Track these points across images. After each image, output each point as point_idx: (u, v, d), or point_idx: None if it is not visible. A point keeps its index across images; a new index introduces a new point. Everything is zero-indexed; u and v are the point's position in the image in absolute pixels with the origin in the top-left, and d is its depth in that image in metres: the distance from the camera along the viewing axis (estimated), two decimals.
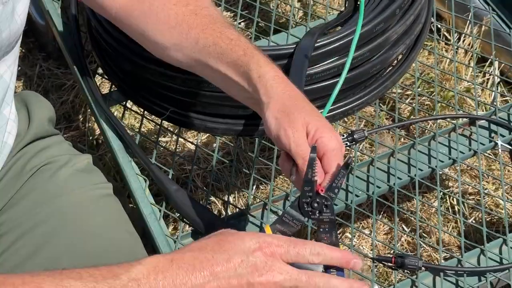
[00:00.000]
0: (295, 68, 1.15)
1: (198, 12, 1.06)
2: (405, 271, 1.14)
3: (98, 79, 1.83)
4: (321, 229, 0.84)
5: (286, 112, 0.93)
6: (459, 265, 1.15)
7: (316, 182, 0.84)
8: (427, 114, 1.74)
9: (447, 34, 1.99)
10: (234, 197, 1.78)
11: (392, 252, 1.13)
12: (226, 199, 1.27)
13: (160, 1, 1.08)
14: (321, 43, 1.20)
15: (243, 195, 1.78)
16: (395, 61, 1.37)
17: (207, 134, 1.91)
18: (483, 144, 1.32)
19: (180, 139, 1.38)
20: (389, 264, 1.11)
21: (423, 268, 1.12)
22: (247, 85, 0.98)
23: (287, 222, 0.85)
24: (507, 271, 1.14)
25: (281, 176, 1.85)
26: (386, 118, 2.00)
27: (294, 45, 1.19)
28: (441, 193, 1.65)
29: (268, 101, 0.94)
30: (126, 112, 1.36)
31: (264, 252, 0.78)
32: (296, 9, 2.01)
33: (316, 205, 0.84)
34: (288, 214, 0.84)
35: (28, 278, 0.74)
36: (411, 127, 1.92)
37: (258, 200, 1.32)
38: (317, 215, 0.84)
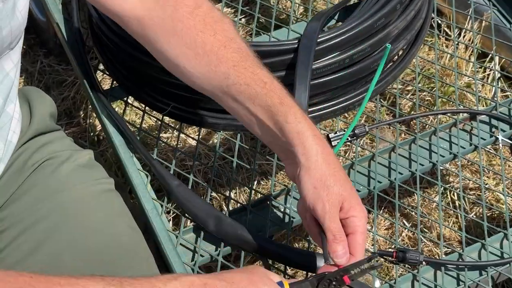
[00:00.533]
0: (301, 59, 1.16)
1: (227, 44, 1.04)
2: (406, 265, 1.15)
3: (99, 75, 1.83)
4: None
5: (326, 184, 0.95)
6: (460, 260, 1.15)
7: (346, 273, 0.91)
8: (427, 110, 1.74)
9: (447, 30, 1.99)
10: (236, 193, 1.78)
11: (393, 247, 1.13)
12: (227, 194, 1.27)
13: (185, 23, 1.05)
14: (322, 39, 1.20)
15: (244, 190, 1.79)
16: (396, 57, 1.37)
17: (208, 130, 1.91)
18: (484, 139, 1.32)
19: (181, 135, 1.38)
20: (391, 258, 1.12)
21: (424, 262, 1.12)
22: (281, 135, 0.98)
23: (301, 284, 0.91)
24: (508, 265, 1.14)
25: (281, 172, 1.85)
26: (387, 114, 2.00)
27: (296, 40, 1.20)
28: (442, 188, 1.65)
29: (308, 165, 0.96)
30: (127, 108, 1.36)
31: None
32: (297, 5, 2.02)
33: (334, 284, 0.91)
34: (310, 282, 0.91)
35: (74, 280, 0.77)
36: (411, 122, 1.92)
37: (259, 195, 1.32)
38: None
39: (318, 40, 1.19)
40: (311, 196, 0.96)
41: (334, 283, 0.91)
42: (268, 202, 1.21)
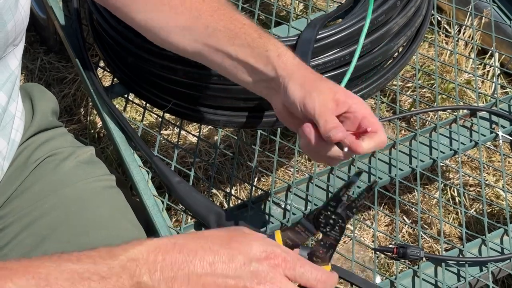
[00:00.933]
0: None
1: None
2: (407, 261, 1.15)
3: (100, 72, 1.83)
4: (322, 242, 0.83)
5: (312, 80, 0.92)
6: (460, 255, 1.15)
7: (343, 202, 0.83)
8: (427, 106, 1.75)
9: (447, 27, 1.99)
10: (236, 189, 1.79)
11: (393, 243, 1.14)
12: (228, 191, 1.27)
13: None
14: (322, 35, 1.20)
15: (245, 187, 1.79)
16: (396, 53, 1.37)
17: (209, 127, 1.91)
18: (484, 135, 1.32)
19: (182, 131, 1.38)
20: (391, 254, 1.12)
21: (424, 258, 1.12)
22: (263, 66, 0.96)
23: (299, 232, 0.84)
24: (508, 261, 1.14)
25: (282, 168, 1.85)
26: (387, 111, 2.01)
27: (296, 37, 1.20)
28: (442, 184, 1.66)
29: (291, 74, 0.93)
30: (128, 105, 1.36)
31: (269, 263, 0.77)
32: (297, 2, 2.02)
33: (331, 221, 0.83)
34: (302, 224, 0.84)
35: (27, 262, 0.74)
36: (412, 119, 1.93)
37: (260, 192, 1.32)
38: (327, 229, 0.83)
39: (318, 37, 1.19)
40: (299, 94, 0.91)
41: (333, 216, 0.82)
42: (269, 199, 1.21)
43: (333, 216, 0.82)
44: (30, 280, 0.71)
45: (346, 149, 0.87)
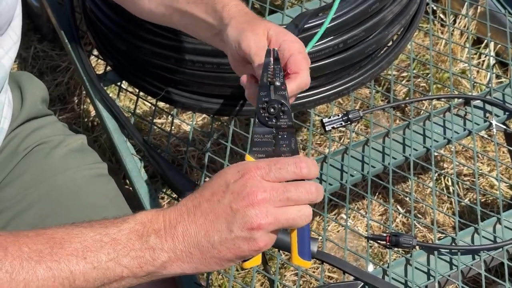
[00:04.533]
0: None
1: None
2: (400, 250, 1.15)
3: (93, 60, 1.83)
4: (280, 136, 0.83)
5: (248, 23, 0.92)
6: (453, 244, 1.15)
7: (277, 86, 0.83)
8: (422, 95, 1.74)
9: (442, 16, 1.99)
10: None
11: (387, 232, 1.14)
12: None
13: None
14: (314, 23, 1.19)
15: None
16: (391, 42, 1.36)
17: (202, 116, 1.91)
18: (478, 124, 1.32)
19: (175, 120, 1.38)
20: (384, 242, 1.12)
21: (417, 246, 1.12)
22: (212, 19, 0.97)
23: (260, 140, 0.83)
24: (500, 249, 1.14)
25: None
26: (382, 100, 2.00)
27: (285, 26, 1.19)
28: (436, 173, 1.66)
29: (231, 20, 0.94)
30: (121, 93, 1.36)
31: (245, 178, 0.78)
32: None
33: (272, 110, 0.82)
34: (256, 133, 0.83)
35: (41, 230, 0.78)
36: (406, 108, 1.93)
37: None
38: (274, 121, 0.83)
39: (311, 25, 1.18)
40: (234, 36, 0.91)
41: (270, 107, 0.82)
42: None
43: (274, 105, 0.83)
44: (45, 244, 0.76)
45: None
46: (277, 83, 0.83)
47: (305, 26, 1.17)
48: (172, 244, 0.78)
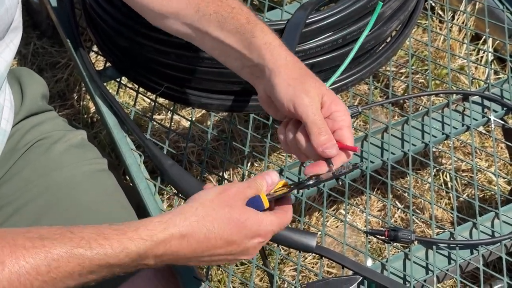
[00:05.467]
0: (285, 42, 1.15)
1: None
2: (399, 244, 1.15)
3: (93, 56, 1.83)
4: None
5: (300, 80, 0.92)
6: (451, 239, 1.16)
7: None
8: (421, 91, 1.75)
9: (441, 12, 1.99)
10: (229, 174, 1.79)
11: (385, 227, 1.14)
12: (221, 175, 1.27)
13: None
14: (314, 19, 1.20)
15: (238, 171, 1.79)
16: (389, 38, 1.37)
17: (202, 112, 1.92)
18: (476, 120, 1.32)
19: (175, 116, 1.38)
20: (382, 237, 1.12)
21: (416, 241, 1.13)
22: (248, 52, 0.97)
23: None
24: (498, 244, 1.15)
25: (275, 153, 1.85)
26: (380, 96, 2.01)
27: (286, 21, 1.19)
28: (435, 169, 1.66)
29: (278, 67, 0.93)
30: (120, 89, 1.36)
31: (261, 241, 0.88)
32: None
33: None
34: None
35: (39, 242, 0.77)
36: (405, 104, 1.93)
37: (252, 176, 1.32)
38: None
39: (310, 20, 1.19)
40: (286, 93, 0.91)
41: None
42: None
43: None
44: (43, 260, 0.76)
45: (332, 167, 0.92)
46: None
47: (310, 20, 1.17)
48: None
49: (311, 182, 0.91)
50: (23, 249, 0.75)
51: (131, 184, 1.21)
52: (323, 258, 1.11)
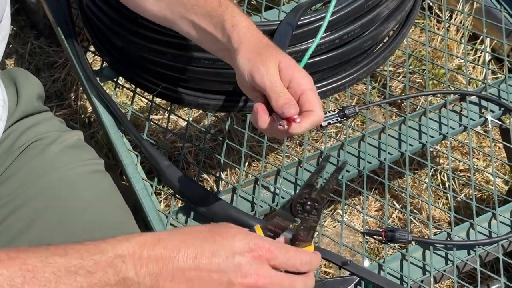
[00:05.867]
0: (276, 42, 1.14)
1: None
2: (396, 245, 1.15)
3: (90, 57, 1.82)
4: (302, 227, 0.84)
5: (259, 53, 0.93)
6: (448, 239, 1.16)
7: (315, 186, 0.84)
8: (418, 91, 1.75)
9: (438, 12, 1.99)
10: (226, 174, 1.79)
11: (383, 227, 1.14)
12: (218, 175, 1.27)
13: None
14: (311, 19, 1.19)
15: (235, 171, 1.79)
16: (386, 38, 1.37)
17: (199, 112, 1.91)
18: (473, 120, 1.32)
19: (172, 116, 1.38)
20: (380, 238, 1.12)
21: (413, 242, 1.13)
22: (221, 36, 0.98)
23: (279, 222, 0.84)
24: (496, 244, 1.15)
25: (272, 153, 1.85)
26: (378, 96, 2.01)
27: (278, 22, 1.19)
28: (432, 169, 1.66)
29: (240, 46, 0.95)
30: (117, 89, 1.36)
31: (253, 255, 0.77)
32: None
33: (308, 207, 0.83)
34: (280, 215, 0.84)
35: (14, 253, 0.74)
36: (402, 104, 1.93)
37: (250, 176, 1.32)
38: (303, 214, 0.84)
39: (307, 21, 1.18)
40: (246, 68, 0.92)
41: (308, 202, 0.82)
42: (258, 183, 1.21)
43: (308, 202, 0.83)
44: (17, 272, 0.72)
45: (283, 127, 0.88)
46: (326, 186, 0.83)
47: (301, 22, 1.18)
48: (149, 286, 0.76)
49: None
50: None
51: (127, 184, 1.21)
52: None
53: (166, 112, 1.49)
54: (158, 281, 0.75)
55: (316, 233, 1.17)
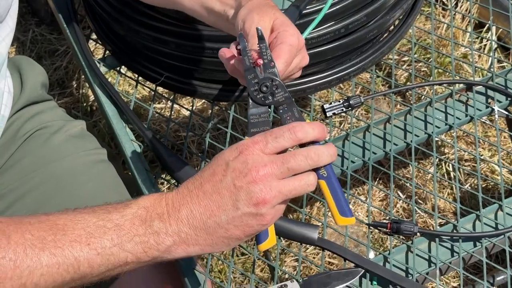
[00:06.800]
0: None
1: None
2: (401, 236, 1.14)
3: (92, 45, 1.82)
4: (281, 110, 0.83)
5: (259, 6, 0.92)
6: (454, 231, 1.14)
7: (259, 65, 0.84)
8: (423, 81, 1.73)
9: (444, 0, 1.97)
10: None
11: (387, 218, 1.13)
12: None
13: None
14: (316, 8, 1.18)
15: None
16: (392, 27, 1.35)
17: (202, 101, 1.90)
18: (480, 110, 1.31)
19: (175, 105, 1.37)
20: (385, 229, 1.11)
21: (418, 233, 1.12)
22: (226, 11, 0.97)
23: (257, 121, 0.84)
24: (502, 236, 1.14)
25: None
26: (383, 85, 1.99)
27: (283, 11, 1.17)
28: (437, 159, 1.65)
29: (246, 3, 0.93)
30: (120, 78, 1.35)
31: (244, 154, 0.78)
32: None
33: (265, 88, 0.83)
34: (252, 114, 0.84)
35: (44, 217, 0.78)
36: (407, 93, 1.92)
37: None
38: (271, 98, 0.84)
39: (312, 10, 1.17)
40: (242, 15, 0.91)
41: (262, 86, 0.83)
42: None
43: (265, 83, 0.83)
44: (47, 231, 0.76)
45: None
46: (265, 61, 0.83)
47: (306, 11, 1.16)
48: (176, 227, 0.79)
49: None
50: (28, 224, 0.76)
51: (130, 174, 1.20)
52: (325, 250, 1.10)
53: (169, 101, 1.48)
54: (180, 217, 0.79)
55: (320, 223, 1.16)
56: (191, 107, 1.30)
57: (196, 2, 1.01)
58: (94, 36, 1.41)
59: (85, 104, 2.00)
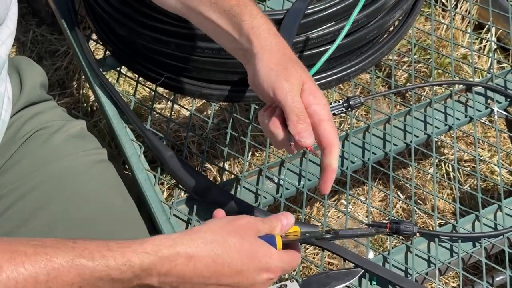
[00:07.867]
0: (283, 32, 1.13)
1: None
2: (400, 237, 1.15)
3: (92, 45, 1.82)
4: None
5: (283, 66, 0.91)
6: (453, 231, 1.15)
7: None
8: (423, 81, 1.73)
9: (444, 1, 1.98)
10: (230, 164, 1.78)
11: (387, 218, 1.13)
12: (221, 165, 1.26)
13: None
14: (315, 9, 1.18)
15: (239, 161, 1.78)
16: (392, 27, 1.35)
17: (202, 101, 1.90)
18: (479, 111, 1.31)
19: (175, 105, 1.37)
20: (384, 230, 1.11)
21: (418, 234, 1.12)
22: (238, 36, 0.96)
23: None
24: (501, 236, 1.14)
25: None
26: (382, 85, 1.99)
27: (285, 11, 1.18)
28: (437, 160, 1.65)
29: (262, 52, 0.92)
30: (120, 78, 1.35)
31: (269, 276, 0.86)
32: None
33: None
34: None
35: (40, 249, 0.75)
36: (407, 94, 1.92)
37: (253, 167, 1.31)
38: None
39: (312, 10, 1.17)
40: (268, 78, 0.90)
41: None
42: (262, 173, 1.20)
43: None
44: (42, 269, 0.73)
45: (293, 149, 0.90)
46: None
47: (310, 11, 1.16)
48: None
49: (328, 236, 0.95)
50: (23, 255, 0.73)
51: (130, 174, 1.20)
52: (324, 250, 1.10)
53: (169, 101, 1.48)
54: None
55: (320, 224, 1.17)
56: (191, 108, 1.31)
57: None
58: (94, 36, 1.41)
59: (85, 104, 2.00)
